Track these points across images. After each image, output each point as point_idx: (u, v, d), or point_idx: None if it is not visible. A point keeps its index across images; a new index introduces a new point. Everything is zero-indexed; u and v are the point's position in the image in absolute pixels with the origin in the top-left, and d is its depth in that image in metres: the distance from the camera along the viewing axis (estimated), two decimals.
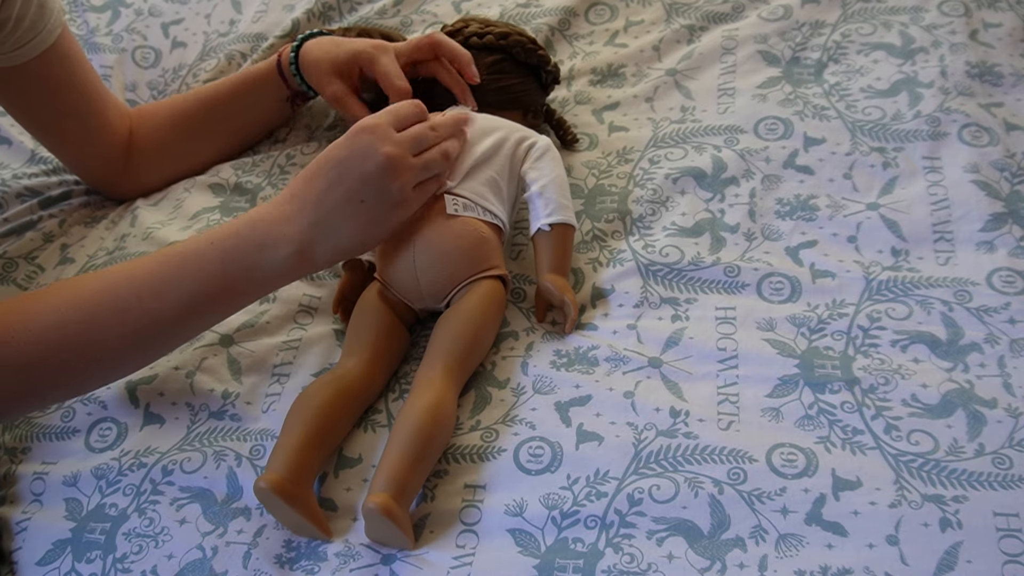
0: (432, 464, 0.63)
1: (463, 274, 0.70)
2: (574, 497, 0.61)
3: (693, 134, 0.84)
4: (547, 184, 0.73)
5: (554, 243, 0.72)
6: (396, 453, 0.61)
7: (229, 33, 1.04)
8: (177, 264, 0.63)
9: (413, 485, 0.61)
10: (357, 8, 1.03)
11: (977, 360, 0.65)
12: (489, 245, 0.71)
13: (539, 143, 0.76)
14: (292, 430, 0.63)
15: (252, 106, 0.89)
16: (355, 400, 0.67)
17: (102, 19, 1.06)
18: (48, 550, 0.66)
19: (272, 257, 0.64)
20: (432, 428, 0.62)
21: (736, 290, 0.72)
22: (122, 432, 0.71)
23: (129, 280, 0.62)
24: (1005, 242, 0.72)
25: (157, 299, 0.62)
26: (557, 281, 0.71)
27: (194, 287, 0.63)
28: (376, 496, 0.58)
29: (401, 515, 0.59)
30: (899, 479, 0.59)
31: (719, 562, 0.57)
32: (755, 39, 0.92)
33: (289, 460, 0.61)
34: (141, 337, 0.63)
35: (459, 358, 0.67)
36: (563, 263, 0.72)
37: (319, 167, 0.66)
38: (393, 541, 0.61)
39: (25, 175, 0.93)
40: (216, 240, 0.64)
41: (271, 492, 0.60)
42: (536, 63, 0.84)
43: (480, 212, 0.72)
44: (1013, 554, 0.55)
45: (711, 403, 0.65)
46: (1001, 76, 0.84)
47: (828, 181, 0.78)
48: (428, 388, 0.64)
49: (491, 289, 0.70)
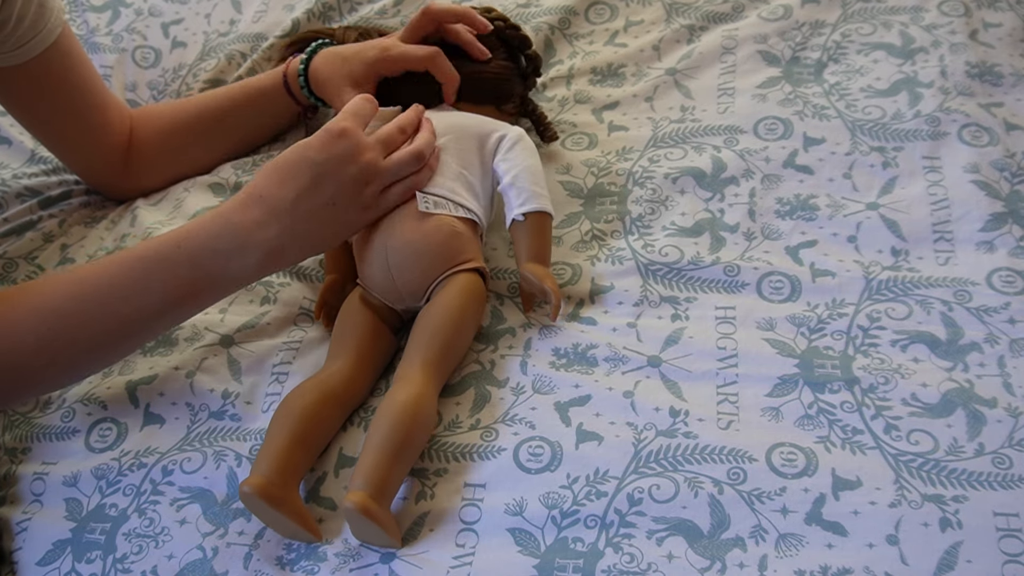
0: (412, 460, 0.63)
1: (438, 269, 0.70)
2: (574, 496, 0.61)
3: (693, 134, 0.84)
4: (518, 174, 0.73)
5: (530, 232, 0.72)
6: (374, 451, 0.60)
7: (229, 33, 1.04)
8: (143, 269, 0.63)
9: (393, 482, 0.61)
10: (357, 8, 1.03)
11: (977, 360, 0.65)
12: (462, 239, 0.71)
13: (509, 134, 0.75)
14: (277, 434, 0.63)
15: (254, 118, 0.89)
16: (340, 403, 0.67)
17: (102, 19, 1.06)
18: (48, 550, 0.66)
19: (241, 263, 0.64)
20: (411, 425, 0.62)
21: (736, 289, 0.72)
22: (122, 432, 0.71)
23: (95, 287, 0.63)
24: (1005, 242, 0.72)
25: (125, 304, 0.63)
26: (536, 270, 0.70)
27: (162, 292, 0.63)
28: (353, 495, 0.58)
29: (380, 513, 0.58)
30: (899, 479, 0.59)
31: (719, 562, 0.57)
32: (755, 39, 0.92)
33: (274, 463, 0.61)
34: (111, 339, 0.64)
35: (438, 353, 0.66)
36: (542, 252, 0.72)
37: (293, 167, 0.65)
38: (377, 540, 0.61)
39: (25, 175, 0.93)
40: (183, 244, 0.64)
41: (256, 496, 0.60)
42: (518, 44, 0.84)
43: (452, 208, 0.71)
44: (1013, 554, 0.55)
45: (711, 403, 0.65)
46: (1001, 76, 0.84)
47: (828, 181, 0.78)
48: (407, 384, 0.64)
49: (468, 282, 0.69)
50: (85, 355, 0.64)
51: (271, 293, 0.78)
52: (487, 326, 0.73)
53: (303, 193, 0.65)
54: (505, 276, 0.76)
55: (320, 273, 0.79)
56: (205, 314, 0.78)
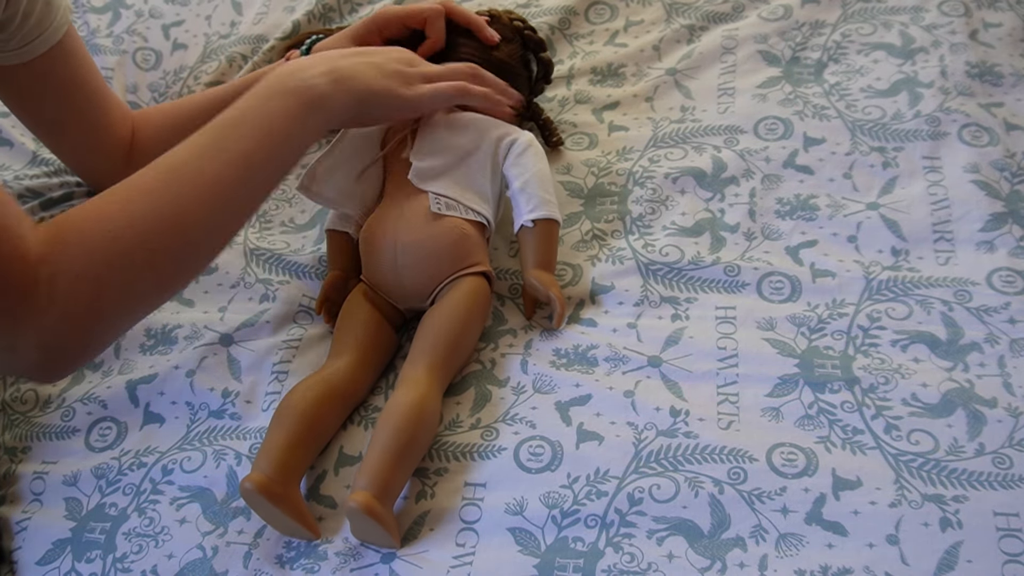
0: (416, 462, 0.63)
1: (445, 271, 0.70)
2: (574, 496, 0.61)
3: (693, 134, 0.84)
4: (528, 180, 0.73)
5: (538, 239, 0.72)
6: (378, 452, 0.61)
7: (230, 35, 1.04)
8: (214, 127, 0.63)
9: (396, 483, 0.61)
10: (357, 9, 1.03)
11: (977, 360, 0.65)
12: (471, 241, 0.71)
13: (520, 139, 0.75)
14: (278, 431, 0.63)
15: None
16: (341, 400, 0.67)
17: (103, 20, 1.06)
18: (48, 550, 0.66)
19: (304, 75, 0.65)
20: (415, 426, 0.62)
21: (736, 289, 0.72)
22: (122, 431, 0.71)
23: (187, 150, 0.61)
24: (1005, 242, 0.72)
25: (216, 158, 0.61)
26: (543, 277, 0.71)
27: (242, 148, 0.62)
28: (357, 495, 0.58)
29: (383, 513, 0.59)
30: (899, 479, 0.59)
31: (719, 561, 0.57)
32: (755, 39, 0.92)
33: (274, 460, 0.62)
34: (215, 196, 0.60)
35: (443, 355, 0.66)
36: (548, 258, 0.72)
37: (338, 46, 0.73)
38: (378, 540, 0.61)
39: (27, 176, 0.93)
40: (251, 84, 0.66)
41: (256, 492, 0.60)
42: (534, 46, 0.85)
43: (463, 211, 0.72)
44: (1013, 554, 0.55)
45: (711, 403, 0.65)
46: (1001, 76, 0.84)
47: (828, 181, 0.78)
48: (412, 386, 0.64)
49: (475, 286, 0.70)
50: (196, 218, 0.59)
51: (270, 291, 0.78)
52: (488, 326, 0.73)
53: (348, 52, 0.70)
54: (506, 277, 0.76)
55: (321, 270, 0.79)
56: (204, 312, 0.78)
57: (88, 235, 0.55)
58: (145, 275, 0.57)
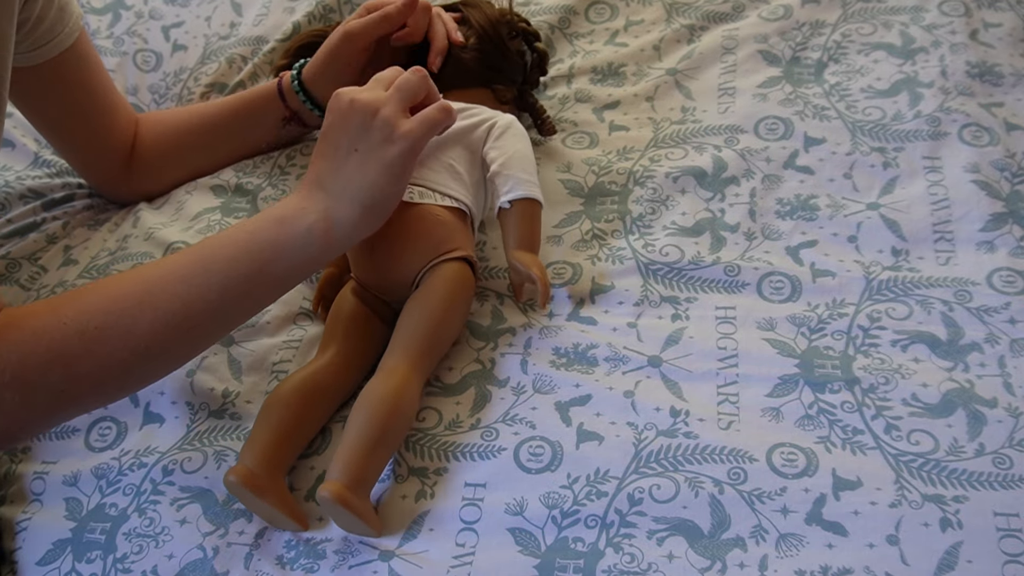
0: (392, 451, 0.63)
1: (423, 259, 0.69)
2: (574, 496, 0.61)
3: (693, 135, 0.84)
4: (505, 161, 0.72)
5: (517, 219, 0.71)
6: (351, 441, 0.61)
7: (230, 36, 1.04)
8: (199, 256, 0.62)
9: (370, 472, 0.61)
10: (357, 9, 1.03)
11: (977, 360, 0.65)
12: (449, 227, 0.70)
13: (499, 122, 0.74)
14: (263, 424, 0.64)
15: (252, 127, 0.89)
16: (328, 394, 0.67)
17: (103, 21, 1.06)
18: (48, 550, 0.66)
19: (293, 230, 0.62)
20: (389, 415, 0.61)
21: (736, 289, 0.72)
22: (122, 431, 0.71)
23: (159, 270, 0.61)
24: (1005, 242, 0.72)
25: (184, 284, 0.60)
26: (523, 257, 0.70)
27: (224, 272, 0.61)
28: (328, 484, 0.58)
29: (356, 502, 0.59)
30: (899, 479, 0.59)
31: (719, 562, 0.57)
32: (755, 39, 0.92)
33: (258, 453, 0.62)
34: (174, 323, 0.60)
35: (421, 343, 0.66)
36: (530, 239, 0.71)
37: (316, 151, 0.66)
38: (356, 528, 0.61)
39: (29, 177, 0.93)
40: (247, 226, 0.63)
41: (240, 484, 0.60)
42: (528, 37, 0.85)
43: (438, 198, 0.71)
44: (1013, 554, 0.55)
45: (711, 403, 0.65)
46: (1001, 76, 0.84)
47: (828, 181, 0.78)
48: (388, 374, 0.64)
49: (455, 272, 0.69)
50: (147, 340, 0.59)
51: None
52: (487, 325, 0.73)
53: (326, 159, 0.64)
54: (506, 275, 0.76)
55: (320, 271, 0.79)
56: None
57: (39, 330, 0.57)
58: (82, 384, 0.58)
